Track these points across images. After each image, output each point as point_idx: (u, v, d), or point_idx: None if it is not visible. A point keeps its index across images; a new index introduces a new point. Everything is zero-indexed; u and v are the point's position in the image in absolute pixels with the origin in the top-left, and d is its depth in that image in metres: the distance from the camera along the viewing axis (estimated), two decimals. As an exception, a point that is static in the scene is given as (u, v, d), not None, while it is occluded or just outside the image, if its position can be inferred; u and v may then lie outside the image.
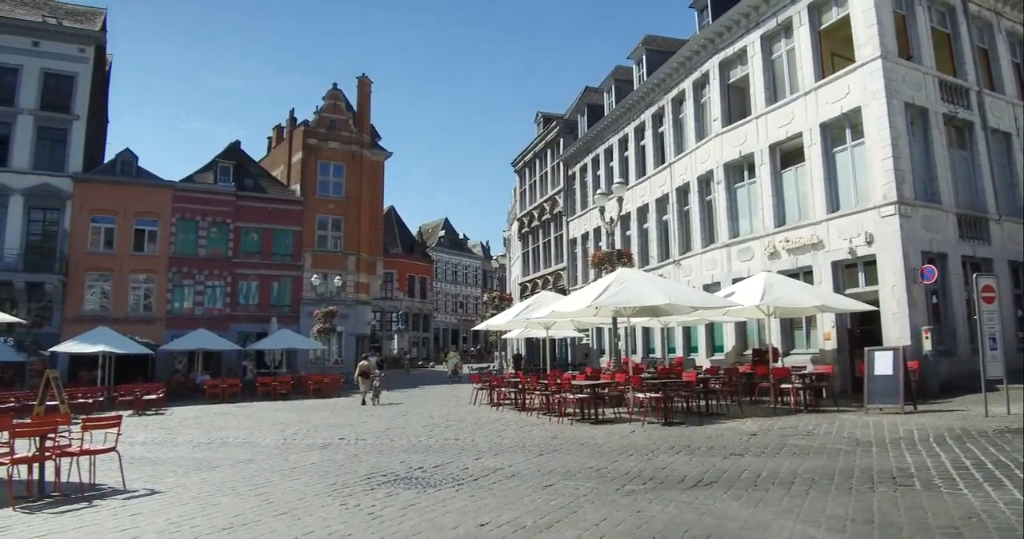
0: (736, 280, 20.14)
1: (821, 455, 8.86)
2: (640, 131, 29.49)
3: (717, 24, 23.14)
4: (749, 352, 21.04)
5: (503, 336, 34.28)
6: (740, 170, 22.67)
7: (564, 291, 32.71)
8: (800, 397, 14.95)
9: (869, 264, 17.55)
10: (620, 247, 24.85)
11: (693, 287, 21.39)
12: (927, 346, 15.81)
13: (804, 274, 19.24)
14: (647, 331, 27.46)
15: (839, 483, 7.09)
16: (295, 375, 31.65)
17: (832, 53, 20.31)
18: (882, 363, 13.58)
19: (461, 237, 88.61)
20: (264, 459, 10.69)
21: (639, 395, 14.33)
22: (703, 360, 23.34)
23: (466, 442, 11.92)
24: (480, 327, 27.45)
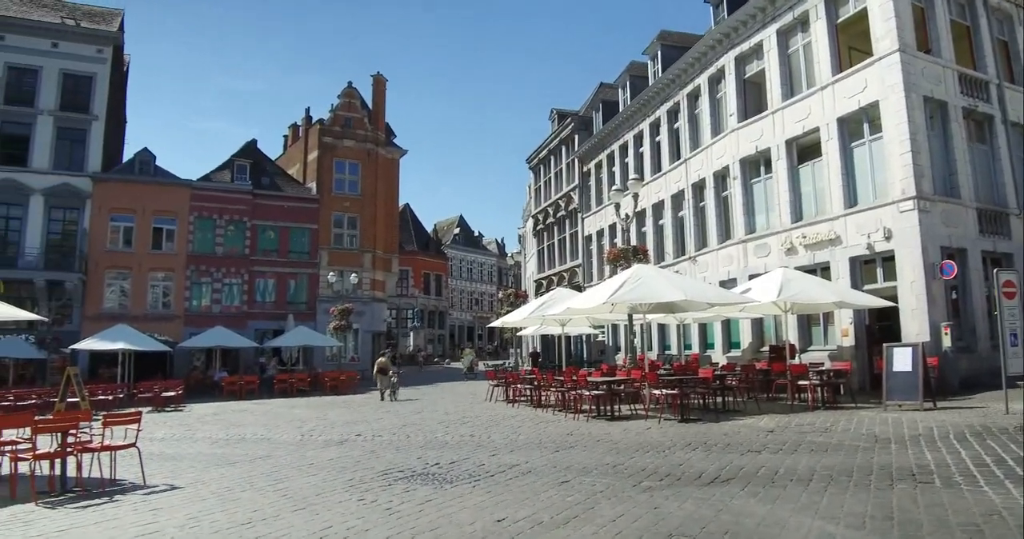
0: (752, 276, 20.04)
1: (839, 452, 8.80)
2: (655, 127, 29.37)
3: (733, 19, 22.99)
4: (766, 349, 20.94)
5: (518, 333, 34.29)
6: (756, 165, 22.54)
7: (579, 288, 32.65)
8: (818, 394, 14.84)
9: (887, 260, 17.40)
10: (635, 243, 24.78)
11: (709, 283, 21.31)
12: (947, 342, 15.67)
13: (821, 270, 19.11)
14: (663, 328, 27.37)
15: (858, 480, 7.04)
16: (312, 372, 31.85)
17: (849, 47, 20.13)
18: (901, 359, 13.45)
19: (476, 234, 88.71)
20: (282, 455, 10.78)
21: (655, 392, 14.28)
22: (719, 357, 23.25)
23: (482, 438, 11.95)
24: (495, 324, 27.51)
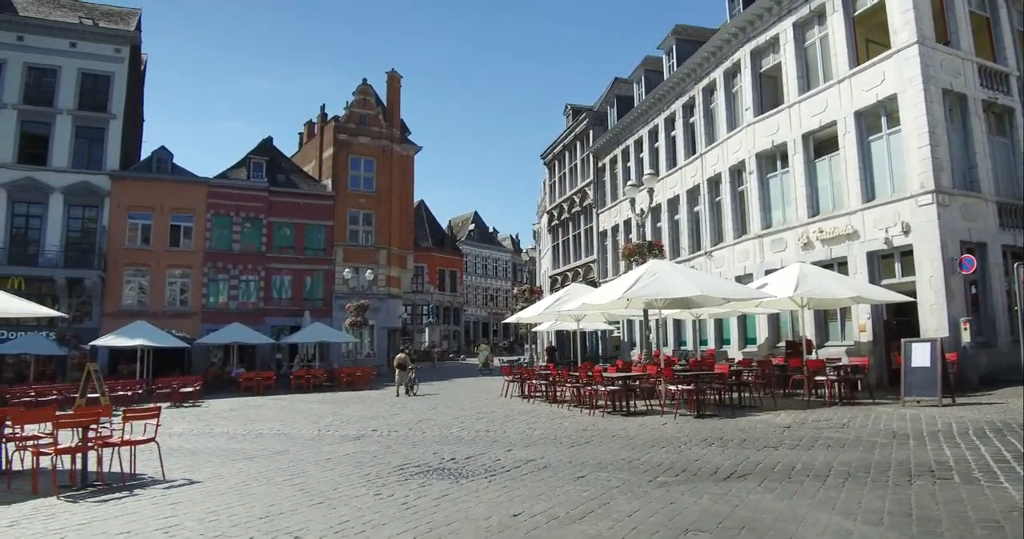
0: (769, 271, 19.92)
1: (857, 448, 8.75)
2: (671, 122, 29.24)
3: (748, 12, 22.81)
4: (782, 344, 20.82)
5: (533, 329, 34.32)
6: (773, 160, 22.38)
7: (594, 283, 32.58)
8: (835, 390, 14.74)
9: (906, 254, 17.23)
10: (651, 239, 24.69)
11: (725, 279, 21.20)
12: (966, 338, 15.49)
13: (838, 265, 18.96)
14: (678, 323, 27.29)
15: (875, 476, 7.00)
16: (328, 368, 32.03)
17: (867, 39, 19.93)
18: (919, 355, 13.33)
19: (491, 230, 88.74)
20: (299, 450, 10.85)
21: (671, 387, 14.25)
22: (735, 352, 23.15)
23: (497, 434, 11.97)
24: (510, 320, 27.51)
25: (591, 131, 37.65)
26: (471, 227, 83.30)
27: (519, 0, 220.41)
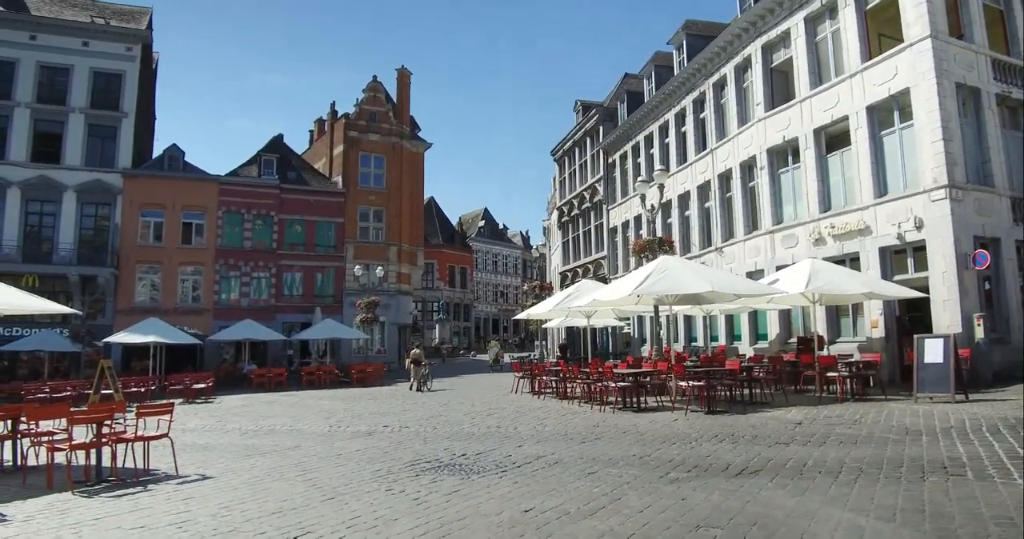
0: (780, 267, 19.83)
1: (869, 444, 8.71)
2: (681, 117, 29.13)
3: (759, 7, 22.68)
4: (794, 340, 20.74)
5: (544, 325, 34.30)
6: (784, 155, 22.27)
7: (605, 280, 32.57)
8: (847, 386, 14.69)
9: (918, 250, 17.12)
10: (661, 235, 24.61)
11: (736, 275, 21.13)
12: (979, 333, 15.38)
13: (850, 260, 18.86)
14: (689, 319, 27.21)
15: (888, 472, 6.97)
16: (340, 364, 32.16)
17: (879, 33, 19.77)
18: (932, 351, 13.26)
19: (501, 227, 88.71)
20: (311, 446, 10.91)
21: (681, 383, 14.23)
22: (746, 348, 23.07)
23: (508, 430, 11.99)
24: (521, 316, 27.51)
25: (601, 127, 37.56)
26: (481, 224, 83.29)
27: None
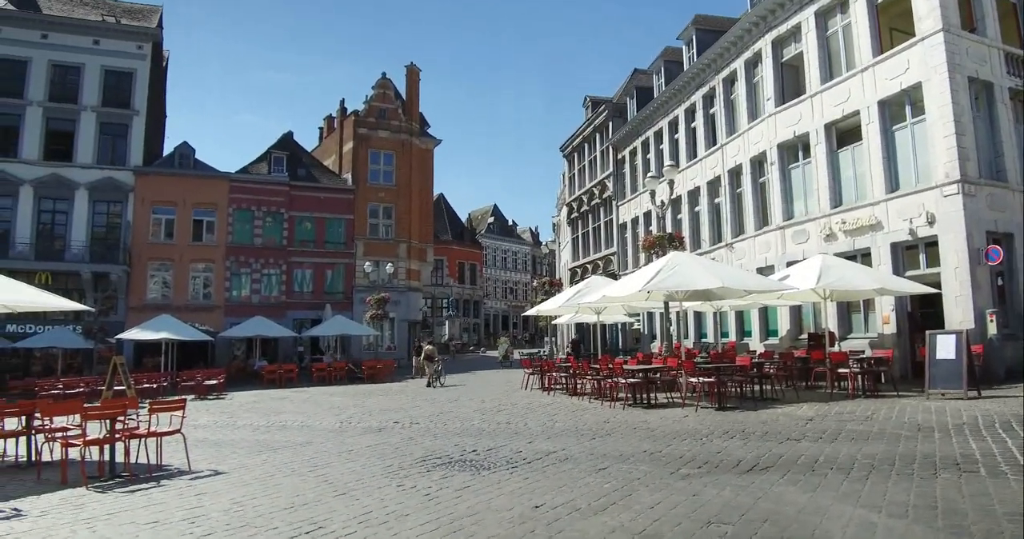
0: (790, 263, 19.76)
1: (881, 440, 8.67)
2: (691, 113, 29.03)
3: (769, 1, 22.54)
4: (804, 336, 20.66)
5: (553, 322, 34.30)
6: (794, 150, 22.16)
7: (614, 276, 32.53)
8: (858, 382, 14.62)
9: (930, 245, 17.01)
10: (671, 231, 24.57)
11: (746, 270, 21.05)
12: (992, 329, 15.29)
13: (862, 256, 18.76)
14: (699, 315, 27.15)
15: (900, 469, 6.94)
16: (352, 360, 32.29)
17: (890, 27, 19.63)
18: (944, 347, 13.17)
19: (510, 223, 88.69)
20: (322, 442, 10.95)
21: (692, 380, 14.20)
22: (757, 345, 23.00)
23: (518, 426, 12.00)
24: (530, 313, 27.52)
25: (610, 123, 37.49)
26: (490, 220, 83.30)
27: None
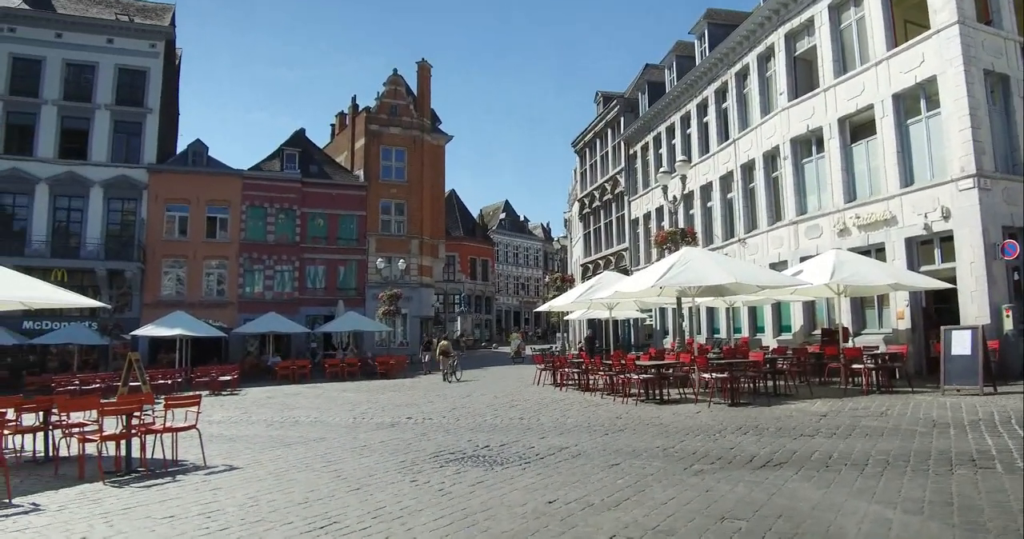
0: (804, 258, 19.63)
1: (895, 436, 8.62)
2: (703, 107, 28.89)
3: (782, -6, 22.40)
4: (818, 332, 20.54)
5: (565, 317, 34.28)
6: (808, 145, 22.01)
7: (626, 271, 32.44)
8: (872, 378, 14.54)
9: (945, 240, 16.87)
10: (684, 226, 24.46)
11: (759, 266, 20.95)
12: (1008, 325, 15.14)
13: (876, 251, 18.62)
14: (712, 311, 27.06)
15: (915, 465, 6.90)
16: (366, 356, 32.41)
17: (905, 20, 19.46)
18: (960, 343, 13.07)
19: (522, 219, 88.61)
20: (335, 437, 11.01)
21: (705, 375, 14.17)
22: (770, 340, 22.89)
23: (531, 421, 12.02)
24: (542, 308, 27.54)
25: (622, 118, 37.36)
26: (502, 216, 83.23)
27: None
